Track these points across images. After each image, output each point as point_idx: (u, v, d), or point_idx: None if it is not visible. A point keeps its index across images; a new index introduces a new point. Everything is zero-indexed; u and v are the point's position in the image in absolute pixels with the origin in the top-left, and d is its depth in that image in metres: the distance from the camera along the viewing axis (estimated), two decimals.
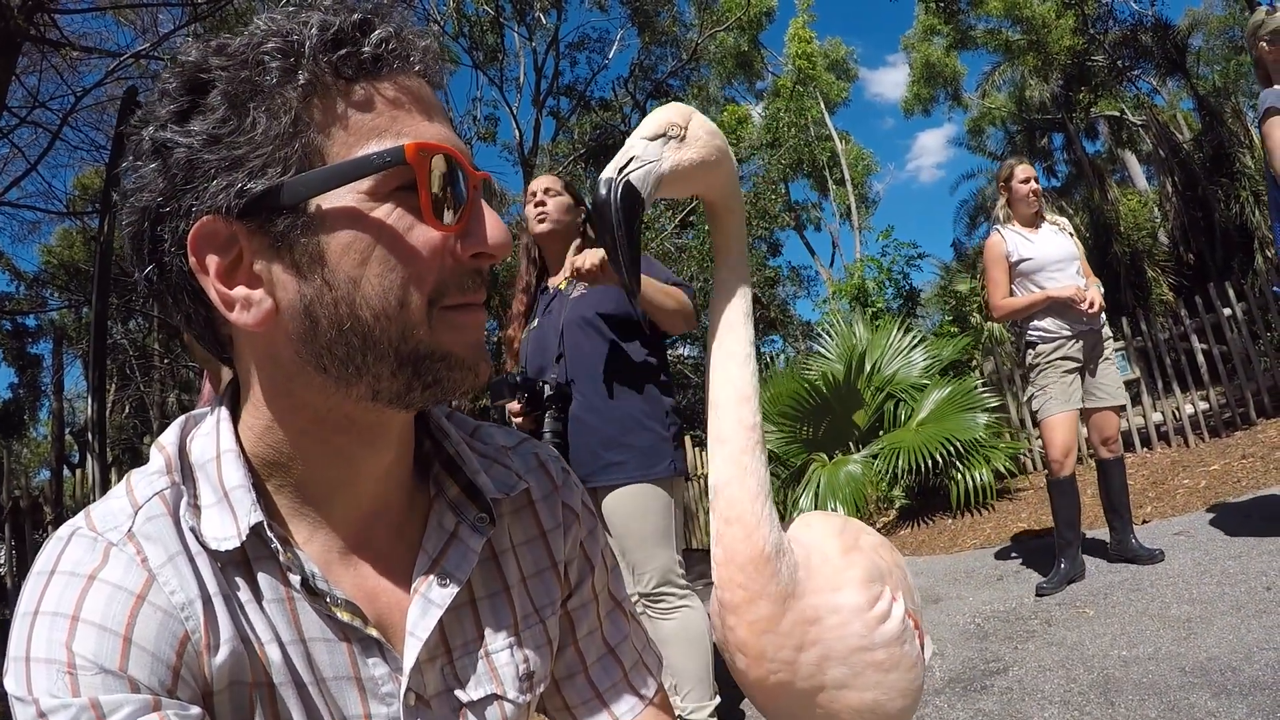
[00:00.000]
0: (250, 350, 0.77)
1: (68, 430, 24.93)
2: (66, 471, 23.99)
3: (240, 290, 0.72)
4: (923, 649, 1.15)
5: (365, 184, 0.70)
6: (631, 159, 0.91)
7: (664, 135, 0.94)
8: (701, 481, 9.57)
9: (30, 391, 28.51)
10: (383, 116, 0.72)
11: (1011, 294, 4.49)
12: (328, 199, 0.70)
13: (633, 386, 2.92)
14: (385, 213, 0.71)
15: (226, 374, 0.91)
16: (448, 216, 0.74)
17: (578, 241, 3.13)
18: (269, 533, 0.75)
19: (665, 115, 0.96)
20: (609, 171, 0.88)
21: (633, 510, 2.82)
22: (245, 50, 0.70)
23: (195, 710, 0.69)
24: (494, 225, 0.76)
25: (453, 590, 0.84)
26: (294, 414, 0.77)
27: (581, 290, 3.00)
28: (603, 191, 0.84)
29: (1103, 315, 4.42)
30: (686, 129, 0.96)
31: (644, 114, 23.83)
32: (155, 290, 0.76)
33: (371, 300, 0.71)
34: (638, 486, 2.84)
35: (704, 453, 10.62)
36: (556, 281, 3.16)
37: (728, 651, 1.05)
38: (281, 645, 0.75)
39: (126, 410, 22.92)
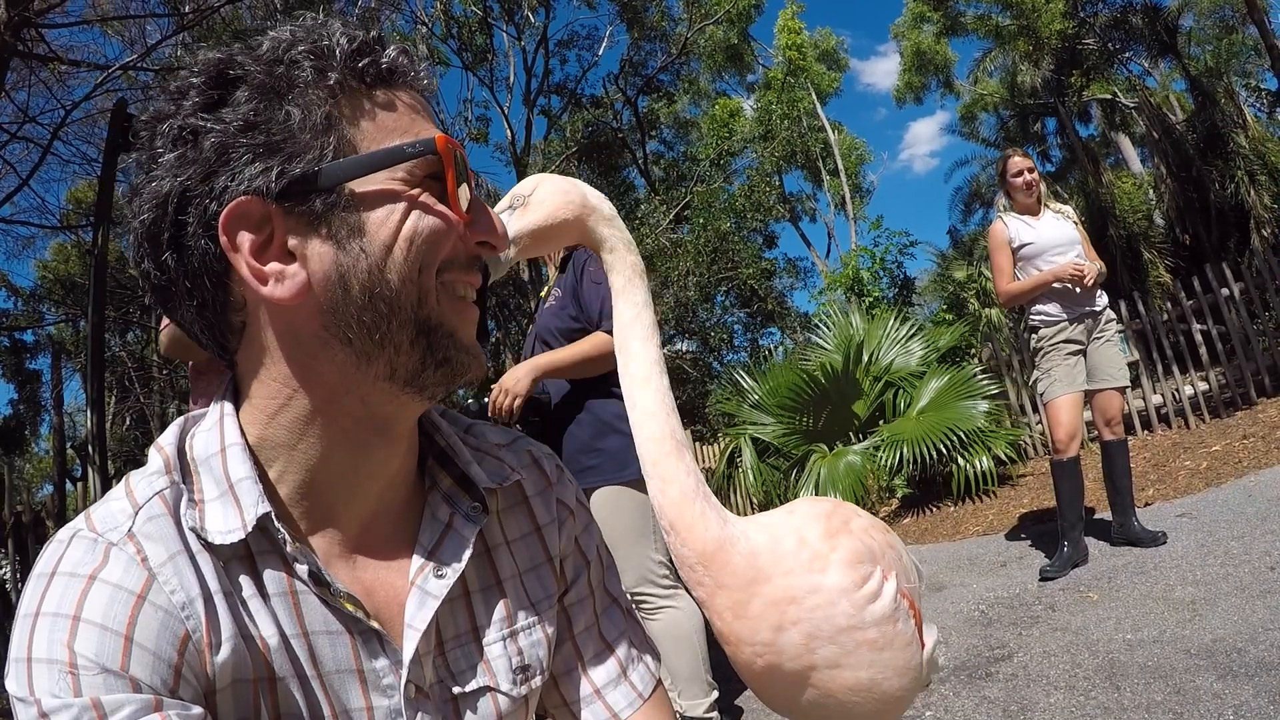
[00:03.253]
0: (268, 331, 0.79)
1: (69, 444, 24.89)
2: (69, 485, 23.95)
3: (273, 265, 0.75)
4: (921, 633, 1.16)
5: (399, 171, 0.77)
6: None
7: (510, 207, 1.03)
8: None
9: (30, 407, 28.49)
10: (404, 118, 0.80)
11: (1015, 279, 4.52)
12: (363, 182, 0.76)
13: (603, 392, 2.94)
14: (416, 194, 0.78)
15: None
16: (463, 205, 0.81)
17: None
18: (276, 523, 0.76)
19: (514, 189, 1.06)
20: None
21: (607, 512, 2.83)
22: (276, 52, 0.76)
23: (197, 710, 0.70)
24: (496, 219, 0.86)
25: (448, 581, 0.85)
26: (310, 392, 0.79)
27: (552, 300, 3.09)
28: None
29: (1104, 297, 4.44)
30: (529, 198, 1.04)
31: (635, 110, 23.75)
32: (167, 280, 0.77)
33: (399, 265, 0.76)
34: (611, 489, 2.87)
35: (703, 446, 10.63)
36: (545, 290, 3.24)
37: (720, 641, 1.08)
38: (284, 639, 0.76)
39: (127, 422, 22.90)
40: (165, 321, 2.85)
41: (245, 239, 0.74)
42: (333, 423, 0.80)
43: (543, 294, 3.21)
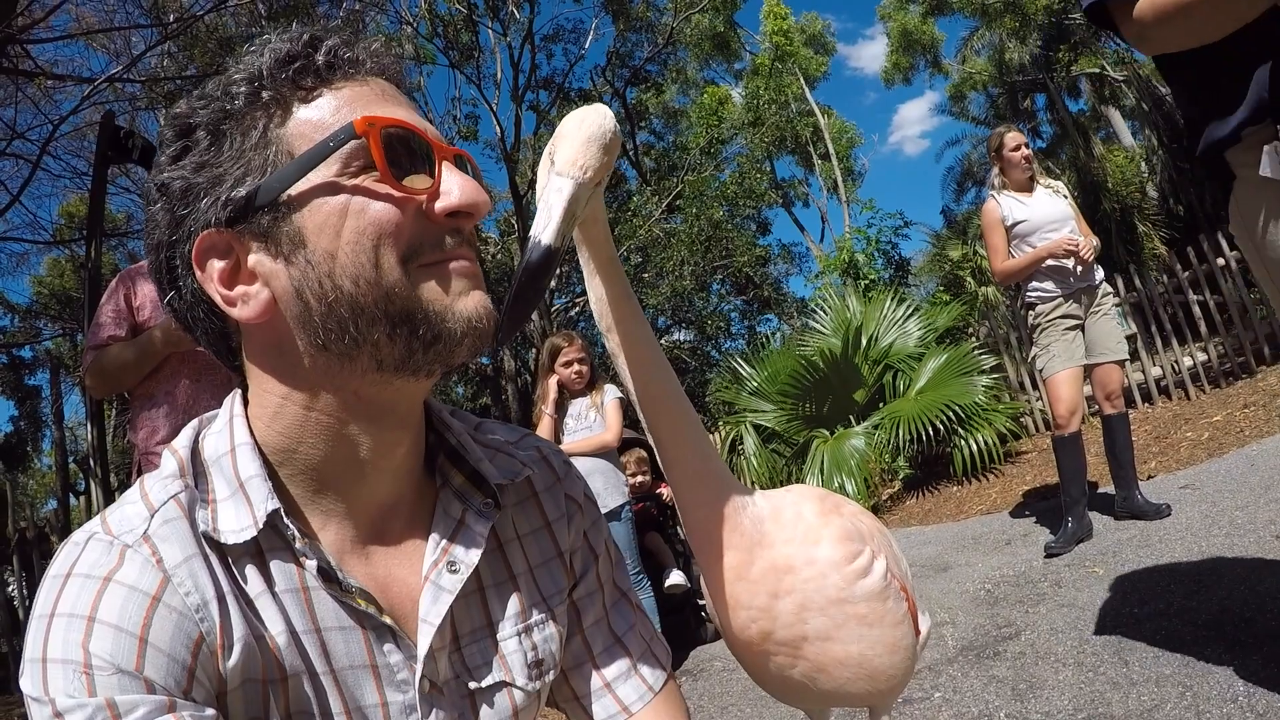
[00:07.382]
0: (257, 346, 0.82)
1: (71, 459, 24.92)
2: (72, 499, 23.95)
3: (239, 289, 0.78)
4: (915, 619, 1.19)
5: (333, 168, 0.76)
6: (566, 215, 0.85)
7: (600, 182, 0.90)
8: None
9: (31, 423, 28.50)
10: (341, 111, 0.78)
11: (1010, 258, 4.51)
12: (300, 189, 0.76)
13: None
14: (352, 189, 0.76)
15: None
16: (416, 181, 0.78)
17: None
18: (285, 519, 0.77)
19: (603, 155, 0.88)
20: (550, 236, 0.84)
21: None
22: (218, 87, 0.79)
23: (210, 712, 0.71)
24: (466, 185, 0.79)
25: (462, 577, 0.86)
26: (301, 397, 0.80)
27: None
28: (539, 257, 0.83)
29: (1100, 271, 4.44)
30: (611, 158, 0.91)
31: (624, 101, 23.53)
32: (179, 315, 0.84)
33: (348, 269, 0.75)
34: None
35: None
36: None
37: (713, 613, 1.12)
38: (296, 636, 0.77)
39: (127, 435, 22.88)
40: (85, 363, 2.80)
41: (214, 269, 0.78)
42: (329, 421, 0.81)
43: None
